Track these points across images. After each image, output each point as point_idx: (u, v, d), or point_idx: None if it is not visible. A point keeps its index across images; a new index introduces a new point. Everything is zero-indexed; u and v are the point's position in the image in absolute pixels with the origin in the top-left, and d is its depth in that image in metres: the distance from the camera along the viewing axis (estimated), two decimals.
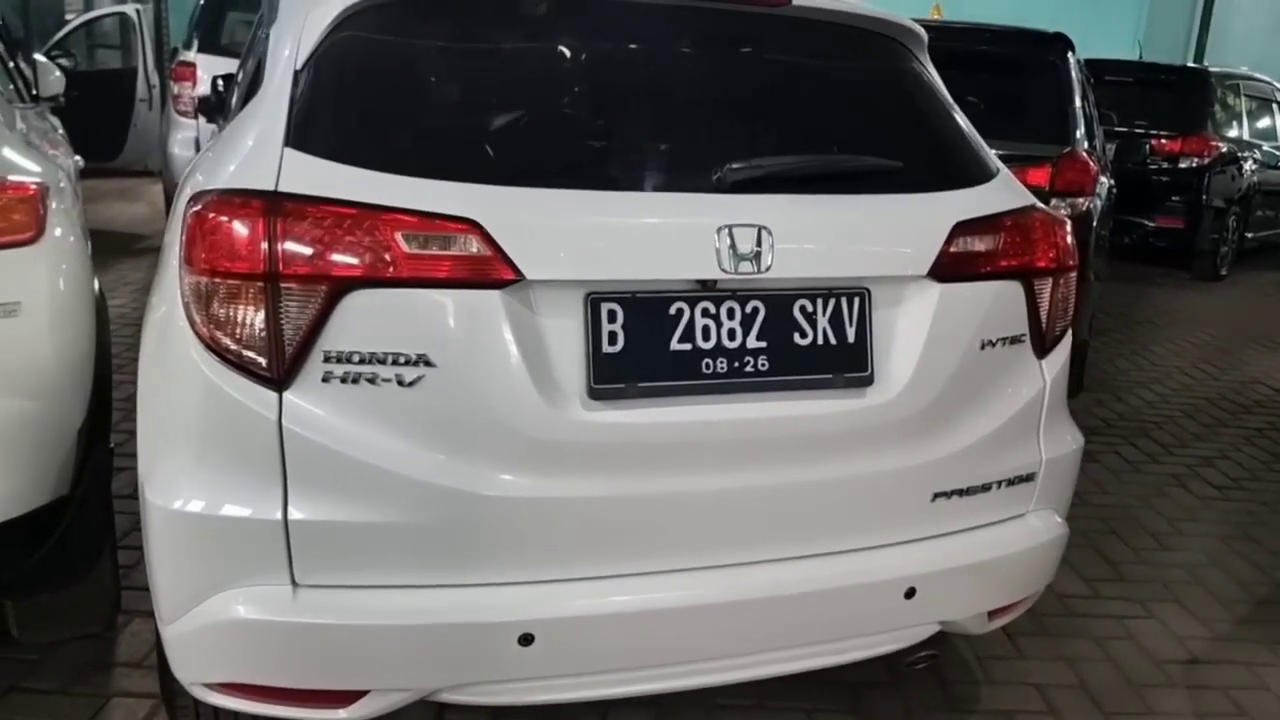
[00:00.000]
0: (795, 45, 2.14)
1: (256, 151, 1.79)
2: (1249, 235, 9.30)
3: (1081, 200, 4.57)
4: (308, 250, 1.66)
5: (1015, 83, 4.96)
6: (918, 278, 1.95)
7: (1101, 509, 3.95)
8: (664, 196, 1.85)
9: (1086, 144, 4.86)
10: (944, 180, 2.08)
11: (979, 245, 2.01)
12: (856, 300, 1.91)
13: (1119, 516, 3.89)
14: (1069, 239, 2.19)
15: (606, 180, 1.85)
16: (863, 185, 1.98)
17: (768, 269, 1.81)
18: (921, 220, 1.99)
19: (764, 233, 1.80)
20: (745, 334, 1.84)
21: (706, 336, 1.82)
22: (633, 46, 2.05)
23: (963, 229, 1.99)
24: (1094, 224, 4.65)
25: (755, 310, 1.85)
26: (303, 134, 1.78)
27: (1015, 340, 2.10)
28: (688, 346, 1.81)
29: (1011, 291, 2.08)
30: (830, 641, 2.03)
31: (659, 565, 1.85)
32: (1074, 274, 2.20)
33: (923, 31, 2.26)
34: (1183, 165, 8.41)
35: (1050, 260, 2.12)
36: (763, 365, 1.85)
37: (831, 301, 1.90)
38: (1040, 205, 2.20)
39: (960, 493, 2.06)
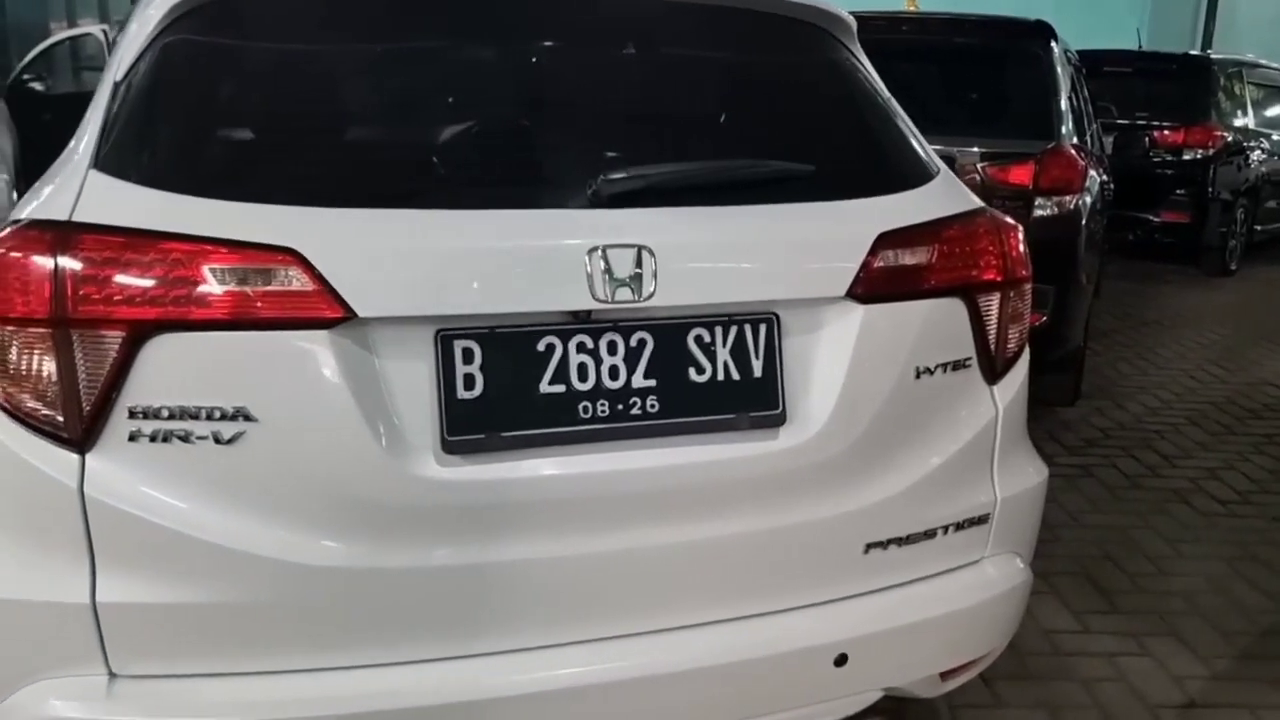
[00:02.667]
0: (691, 35, 1.87)
1: (64, 177, 1.57)
2: (1258, 228, 8.96)
3: (1069, 198, 4.28)
4: (102, 290, 1.42)
5: (995, 75, 4.67)
6: (835, 299, 1.69)
7: (1096, 530, 3.67)
8: (526, 215, 1.58)
9: (1075, 138, 4.58)
10: (869, 185, 1.81)
11: (909, 258, 1.75)
12: (762, 328, 1.65)
13: (1115, 539, 3.61)
14: (1021, 247, 1.92)
15: (457, 197, 1.59)
16: (768, 194, 1.72)
17: (650, 296, 1.55)
18: (838, 232, 1.72)
19: (644, 253, 1.55)
20: (630, 371, 1.59)
21: (584, 376, 1.57)
22: (494, 41, 1.79)
23: (888, 240, 1.72)
24: (1083, 223, 4.36)
25: (642, 343, 1.59)
26: (111, 155, 1.54)
27: (959, 365, 1.84)
28: (561, 388, 1.56)
29: (951, 310, 1.81)
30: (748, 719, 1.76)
31: (534, 641, 1.59)
32: (1028, 286, 1.93)
33: (850, 18, 2.00)
34: (1186, 157, 8.10)
35: (998, 272, 1.86)
36: (652, 407, 1.60)
37: (733, 330, 1.64)
38: (989, 210, 1.93)
39: (899, 542, 1.80)
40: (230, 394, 1.44)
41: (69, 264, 1.42)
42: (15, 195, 3.97)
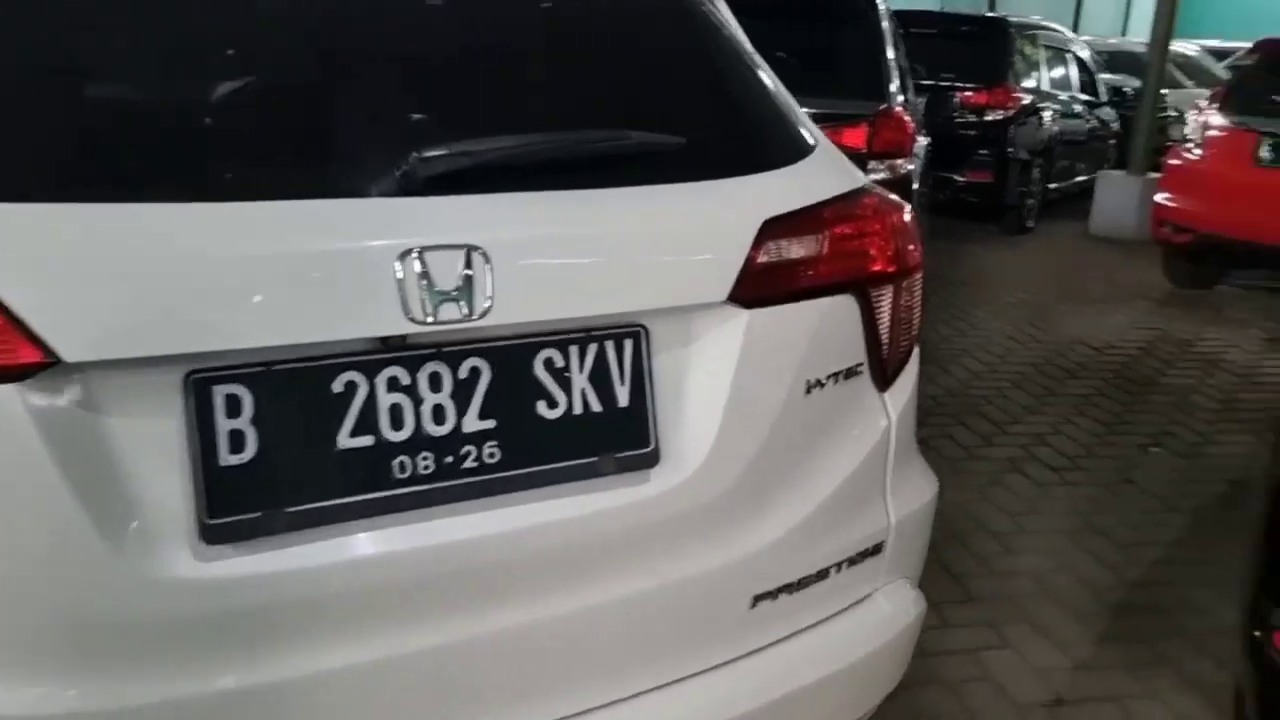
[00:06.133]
0: None
1: None
2: (1052, 186, 9.30)
3: (900, 162, 4.15)
4: None
5: (823, 34, 4.47)
6: (716, 304, 1.36)
7: (941, 509, 3.52)
8: (311, 207, 1.16)
9: (902, 100, 4.44)
10: (745, 161, 1.48)
11: (797, 250, 1.44)
12: (628, 345, 1.31)
13: (959, 516, 3.50)
14: (913, 229, 1.65)
15: (211, 185, 1.14)
16: (629, 174, 1.35)
17: (485, 312, 1.17)
18: (717, 220, 1.39)
19: (476, 256, 1.17)
20: (461, 412, 1.21)
21: (398, 422, 1.17)
22: None
23: (775, 228, 1.40)
24: (914, 186, 4.23)
25: (475, 374, 1.21)
26: None
27: (851, 373, 1.55)
28: (367, 441, 1.16)
29: (844, 309, 1.52)
30: None
31: None
32: (920, 275, 1.66)
33: None
34: (989, 118, 8.26)
35: (891, 261, 1.58)
36: (491, 456, 1.22)
37: (592, 349, 1.28)
38: (874, 187, 1.65)
39: (789, 588, 1.51)
40: None
41: None
42: None
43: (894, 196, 1.67)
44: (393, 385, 1.17)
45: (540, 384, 1.25)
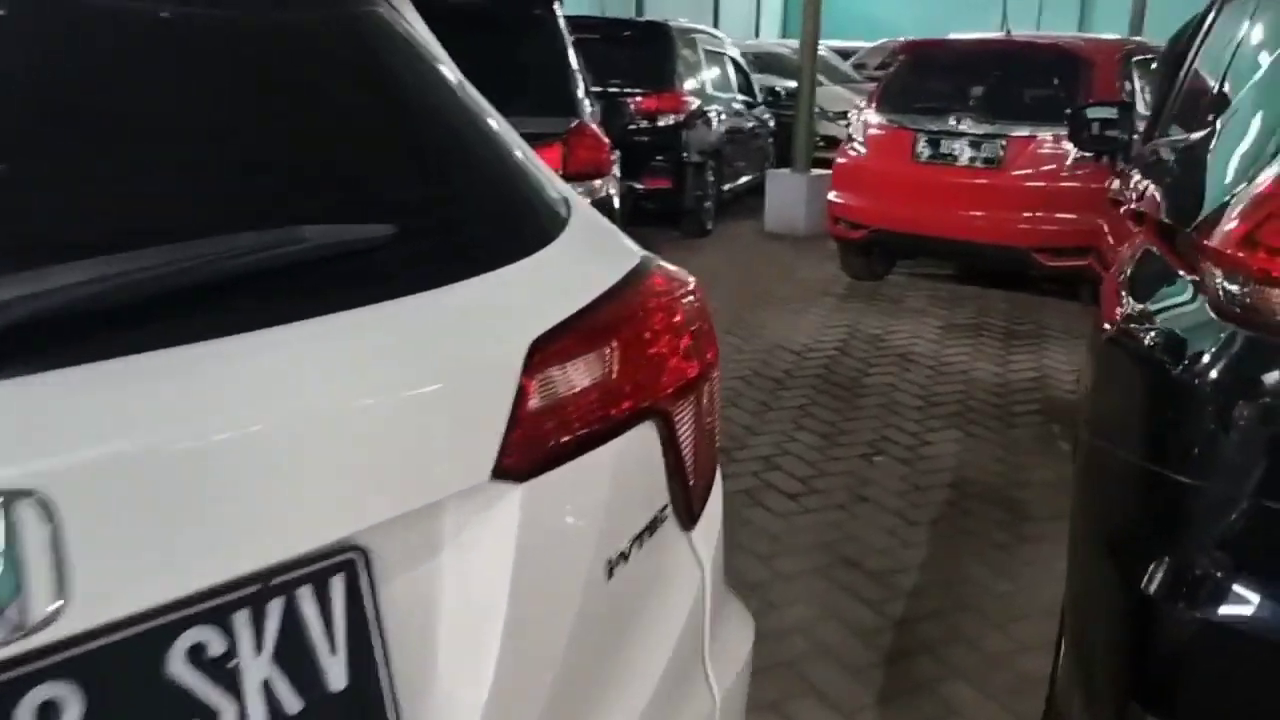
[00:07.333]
0: None
1: None
2: (725, 187, 9.44)
3: (600, 182, 3.79)
4: None
5: (500, 44, 4.00)
6: (474, 488, 0.86)
7: None
8: None
9: (589, 113, 4.09)
10: (483, 250, 0.99)
11: (581, 376, 0.97)
12: (337, 586, 0.78)
13: None
14: (706, 307, 1.23)
15: None
16: (313, 297, 0.82)
17: (54, 615, 0.61)
18: (464, 352, 0.89)
19: (26, 510, 0.60)
20: None
21: None
22: None
23: (546, 351, 0.93)
24: (616, 208, 3.89)
25: (50, 713, 0.64)
26: None
27: (655, 525, 1.11)
28: None
29: (642, 443, 1.07)
30: None
31: None
32: (717, 374, 1.25)
33: None
34: (662, 124, 8.19)
35: (691, 359, 1.15)
36: None
37: (274, 611, 0.75)
38: (653, 258, 1.21)
39: None
40: None
41: None
42: None
43: (675, 268, 1.25)
44: None
45: (184, 694, 0.70)
